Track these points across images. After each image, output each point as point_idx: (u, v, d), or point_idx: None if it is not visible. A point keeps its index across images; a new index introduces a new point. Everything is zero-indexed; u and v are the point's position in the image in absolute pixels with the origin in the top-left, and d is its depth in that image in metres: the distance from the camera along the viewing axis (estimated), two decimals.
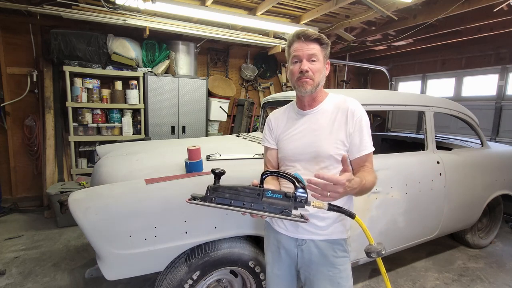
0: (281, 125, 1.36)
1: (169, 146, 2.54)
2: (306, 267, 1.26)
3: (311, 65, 1.17)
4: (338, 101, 1.26)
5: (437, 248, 3.11)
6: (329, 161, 1.20)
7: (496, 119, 4.51)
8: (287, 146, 1.29)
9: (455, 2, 3.38)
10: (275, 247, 1.33)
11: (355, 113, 1.20)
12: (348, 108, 1.21)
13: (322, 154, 1.20)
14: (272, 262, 1.35)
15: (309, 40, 1.17)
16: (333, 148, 1.19)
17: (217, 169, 1.06)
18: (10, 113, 3.87)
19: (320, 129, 1.23)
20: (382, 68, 5.90)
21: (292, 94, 2.75)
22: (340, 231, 1.24)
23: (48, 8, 3.34)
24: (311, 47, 1.16)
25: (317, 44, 1.18)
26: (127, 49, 3.93)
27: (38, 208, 3.89)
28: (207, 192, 1.04)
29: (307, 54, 1.17)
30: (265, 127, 1.43)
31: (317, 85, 1.19)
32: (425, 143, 2.43)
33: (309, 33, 1.17)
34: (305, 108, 1.29)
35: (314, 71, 1.17)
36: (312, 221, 1.20)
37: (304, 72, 1.16)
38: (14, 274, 2.49)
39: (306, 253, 1.25)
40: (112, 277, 1.43)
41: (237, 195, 1.03)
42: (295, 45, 1.19)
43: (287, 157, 1.30)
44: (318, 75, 1.18)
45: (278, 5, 3.75)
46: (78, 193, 1.47)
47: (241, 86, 5.52)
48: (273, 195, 1.03)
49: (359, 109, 1.22)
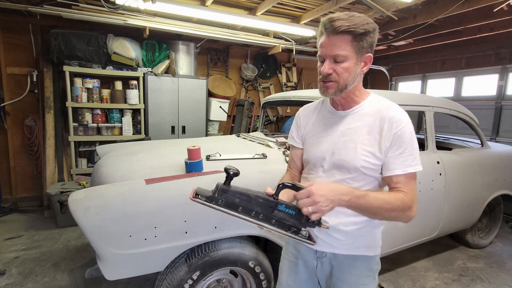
0: (310, 123, 1.21)
1: (169, 146, 2.54)
2: (325, 281, 1.17)
3: (335, 66, 0.98)
4: (380, 106, 1.06)
5: (437, 248, 3.11)
6: (355, 173, 1.05)
7: (496, 119, 4.51)
8: (311, 148, 1.17)
9: (455, 2, 3.38)
10: (294, 257, 1.23)
11: (396, 125, 1.00)
12: (389, 116, 1.02)
13: (347, 164, 1.04)
14: (288, 271, 1.24)
15: (336, 33, 0.95)
16: (360, 160, 1.02)
17: (231, 168, 0.91)
18: (10, 113, 3.87)
19: (350, 136, 1.06)
20: (382, 68, 5.90)
21: (292, 94, 2.75)
22: (365, 247, 1.10)
23: (48, 8, 3.34)
24: (337, 43, 0.96)
25: (348, 36, 0.95)
26: (127, 49, 3.93)
27: (38, 208, 3.89)
28: (216, 191, 0.92)
29: (330, 54, 0.98)
30: (293, 123, 1.29)
31: (343, 88, 1.01)
32: (425, 143, 2.43)
33: (336, 24, 0.94)
34: (338, 108, 1.12)
35: (340, 72, 0.98)
36: (333, 234, 1.08)
37: (325, 75, 1.00)
38: (14, 274, 2.49)
39: (326, 266, 1.14)
40: (112, 277, 1.43)
41: (248, 202, 0.92)
42: (321, 39, 1.00)
43: (310, 161, 1.17)
44: (345, 76, 0.99)
45: (278, 5, 3.75)
46: (78, 193, 1.47)
47: (241, 86, 5.52)
48: (286, 210, 0.93)
49: (403, 121, 1.01)
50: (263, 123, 3.53)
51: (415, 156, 1.02)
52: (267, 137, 2.90)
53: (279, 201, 0.93)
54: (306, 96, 2.55)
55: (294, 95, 2.69)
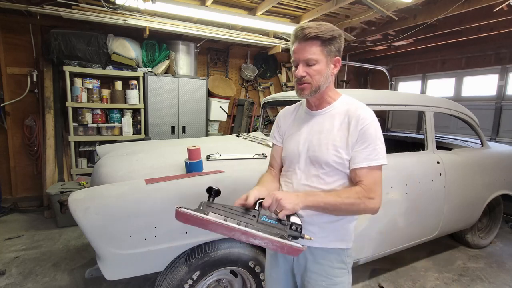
0: (288, 122, 1.32)
1: (169, 146, 2.54)
2: (301, 274, 1.23)
3: (308, 69, 1.08)
4: (350, 106, 1.15)
5: (437, 248, 3.11)
6: (328, 168, 1.13)
7: (496, 119, 4.52)
8: (289, 145, 1.25)
9: (455, 2, 3.38)
10: (273, 251, 1.30)
11: (361, 122, 1.09)
12: (356, 115, 1.11)
13: (320, 160, 1.13)
14: (270, 265, 1.34)
15: (306, 39, 1.05)
16: (332, 155, 1.11)
17: (213, 187, 1.03)
18: (10, 113, 3.87)
19: (323, 133, 1.15)
20: (382, 68, 5.90)
21: (292, 94, 2.75)
22: (338, 240, 1.17)
23: (48, 8, 3.34)
24: (307, 48, 1.06)
25: (317, 42, 1.05)
26: (127, 49, 3.93)
27: (38, 208, 3.89)
28: (200, 206, 0.99)
29: (302, 58, 1.08)
30: (274, 123, 1.39)
31: (317, 88, 1.11)
32: (425, 143, 2.43)
33: (306, 32, 1.05)
34: (313, 108, 1.22)
35: (312, 74, 1.08)
36: (308, 228, 1.14)
37: (300, 78, 1.09)
38: (14, 274, 2.49)
39: (301, 260, 1.21)
40: (112, 277, 1.43)
41: (232, 213, 0.99)
42: (294, 45, 1.10)
43: (287, 157, 1.26)
44: (317, 78, 1.09)
45: (278, 5, 3.75)
46: (78, 193, 1.47)
47: (241, 86, 5.52)
48: (268, 221, 0.99)
49: (368, 119, 1.09)
50: (263, 123, 3.53)
51: (378, 151, 1.08)
52: (267, 137, 2.91)
53: (260, 212, 1.01)
54: None
55: (294, 95, 2.67)
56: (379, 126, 1.12)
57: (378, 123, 1.12)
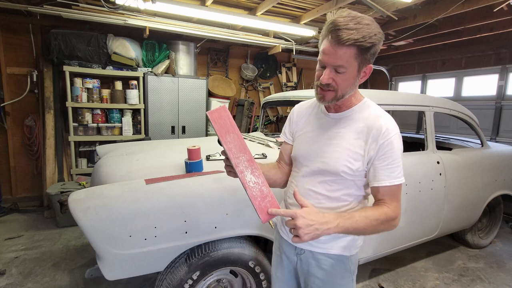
0: (302, 120, 1.22)
1: (169, 146, 2.54)
2: (304, 277, 1.20)
3: (335, 76, 0.95)
4: (371, 114, 1.04)
5: (437, 248, 3.11)
6: (336, 176, 1.05)
7: (496, 119, 4.51)
8: (298, 146, 1.18)
9: (455, 2, 3.38)
10: (279, 251, 1.29)
11: (384, 135, 0.98)
12: (378, 125, 0.99)
13: (330, 167, 1.05)
14: (275, 265, 1.31)
15: (341, 45, 0.90)
16: (342, 166, 1.02)
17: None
18: (10, 113, 3.87)
19: (337, 139, 1.06)
20: (382, 68, 5.90)
21: (292, 94, 2.75)
22: (342, 247, 1.11)
23: (48, 8, 3.34)
24: (340, 54, 0.91)
25: (353, 49, 0.90)
26: (127, 49, 3.93)
27: (38, 208, 3.89)
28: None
29: (332, 63, 0.94)
30: (287, 119, 1.29)
31: (341, 97, 1.00)
32: (425, 143, 2.43)
33: (343, 36, 0.88)
34: (330, 110, 1.11)
35: (339, 82, 0.96)
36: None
37: (324, 84, 0.98)
38: (14, 274, 2.49)
39: (304, 263, 1.17)
40: (112, 277, 1.43)
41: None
42: (324, 43, 0.95)
43: (295, 159, 1.19)
44: (344, 87, 0.97)
45: (278, 5, 3.75)
46: (78, 193, 1.47)
47: (241, 86, 5.52)
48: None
49: (392, 132, 0.99)
50: (263, 123, 3.53)
51: (401, 168, 1.02)
52: (267, 137, 2.91)
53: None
54: (306, 96, 2.55)
55: (294, 95, 2.69)
56: (401, 139, 1.03)
57: (400, 136, 1.02)
